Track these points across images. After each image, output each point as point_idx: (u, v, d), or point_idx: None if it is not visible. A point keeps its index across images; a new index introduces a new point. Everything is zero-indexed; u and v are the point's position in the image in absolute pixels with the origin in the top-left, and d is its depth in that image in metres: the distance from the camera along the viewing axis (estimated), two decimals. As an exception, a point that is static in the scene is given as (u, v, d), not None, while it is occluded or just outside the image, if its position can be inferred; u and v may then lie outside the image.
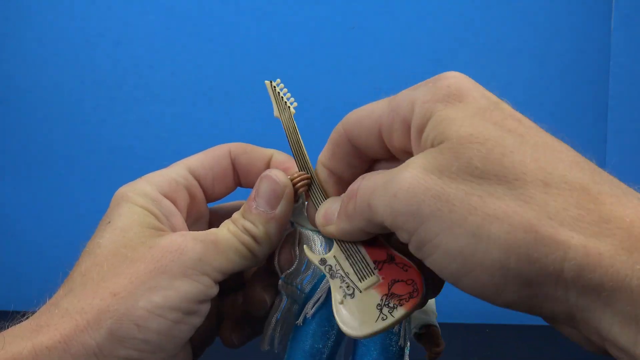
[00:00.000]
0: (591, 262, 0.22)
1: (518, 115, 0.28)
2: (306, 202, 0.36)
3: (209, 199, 0.39)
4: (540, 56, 0.80)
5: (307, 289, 0.37)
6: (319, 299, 0.36)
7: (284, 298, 0.37)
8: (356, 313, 0.31)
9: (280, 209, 0.34)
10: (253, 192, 0.34)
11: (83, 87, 0.85)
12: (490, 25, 0.80)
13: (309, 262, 0.36)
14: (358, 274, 0.32)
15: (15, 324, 0.30)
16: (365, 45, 0.82)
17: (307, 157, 0.35)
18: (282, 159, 0.38)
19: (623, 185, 0.25)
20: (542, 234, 0.23)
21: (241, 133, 0.84)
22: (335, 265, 0.33)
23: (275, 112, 0.37)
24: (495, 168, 0.25)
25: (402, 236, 0.28)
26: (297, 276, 0.36)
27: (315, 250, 0.36)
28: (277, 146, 0.39)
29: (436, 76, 0.29)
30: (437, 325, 0.39)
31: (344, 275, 0.33)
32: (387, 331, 0.34)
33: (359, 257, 0.32)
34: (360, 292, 0.32)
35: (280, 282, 0.37)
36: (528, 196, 0.24)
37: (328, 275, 0.33)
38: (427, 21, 0.81)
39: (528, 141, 0.26)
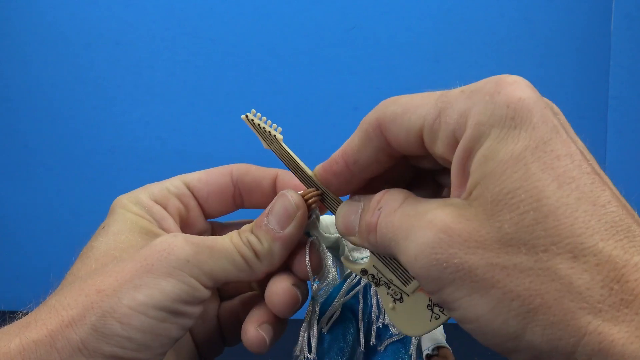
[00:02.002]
0: (603, 348, 0.23)
1: (572, 148, 0.25)
2: (319, 215, 0.36)
3: (207, 214, 0.39)
4: (541, 56, 0.80)
5: (320, 300, 0.37)
6: (333, 314, 0.37)
7: (318, 301, 0.37)
8: (409, 315, 0.32)
9: (289, 230, 0.33)
10: (268, 208, 0.34)
11: (83, 87, 0.86)
12: (490, 26, 0.80)
13: (326, 272, 0.36)
14: (401, 279, 0.32)
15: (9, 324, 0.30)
16: (365, 45, 0.82)
17: (313, 176, 0.34)
18: (288, 177, 0.38)
19: None
20: (561, 317, 0.23)
21: (241, 133, 0.84)
22: (377, 273, 0.33)
23: (264, 145, 0.35)
24: (525, 237, 0.24)
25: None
26: (324, 280, 0.36)
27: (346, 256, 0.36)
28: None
29: (495, 82, 0.26)
30: (449, 346, 0.39)
31: (387, 282, 0.33)
32: (399, 349, 0.36)
33: (397, 263, 0.32)
34: (408, 295, 0.32)
35: (315, 285, 0.36)
36: (553, 272, 0.23)
37: (372, 284, 0.33)
38: (427, 21, 0.81)
39: (571, 194, 0.24)
